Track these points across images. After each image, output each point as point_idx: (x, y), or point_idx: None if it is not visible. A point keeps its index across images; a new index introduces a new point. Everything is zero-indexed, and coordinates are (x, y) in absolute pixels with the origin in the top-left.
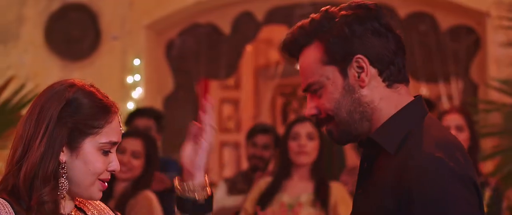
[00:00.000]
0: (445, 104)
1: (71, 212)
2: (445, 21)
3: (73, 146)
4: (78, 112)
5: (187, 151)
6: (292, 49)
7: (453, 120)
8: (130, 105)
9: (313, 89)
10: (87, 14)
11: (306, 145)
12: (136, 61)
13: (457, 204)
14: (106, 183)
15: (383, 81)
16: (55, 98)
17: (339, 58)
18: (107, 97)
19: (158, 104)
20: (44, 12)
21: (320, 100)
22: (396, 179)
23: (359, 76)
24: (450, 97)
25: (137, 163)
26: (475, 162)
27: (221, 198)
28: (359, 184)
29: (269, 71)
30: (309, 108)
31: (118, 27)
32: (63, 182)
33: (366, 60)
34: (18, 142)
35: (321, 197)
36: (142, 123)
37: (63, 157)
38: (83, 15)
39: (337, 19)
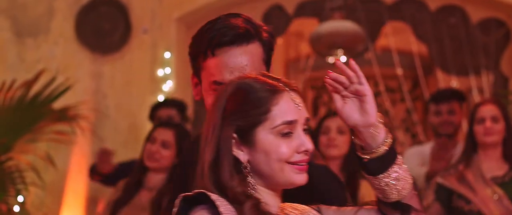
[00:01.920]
0: (475, 97)
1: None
2: (476, 14)
3: (248, 141)
4: (235, 108)
5: (347, 110)
6: (247, 37)
7: (489, 111)
8: (161, 99)
9: None
10: (117, 8)
11: (336, 138)
12: (167, 55)
13: None
14: (304, 164)
15: None
16: (220, 99)
17: (267, 61)
18: (272, 78)
19: (188, 98)
20: (74, 5)
21: None
22: None
23: None
24: (480, 90)
25: (166, 154)
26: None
27: None
28: None
29: (299, 64)
30: None
31: (149, 20)
32: (250, 181)
33: None
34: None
35: (351, 190)
36: (164, 113)
37: (244, 156)
38: (113, 9)
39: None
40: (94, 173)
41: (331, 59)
